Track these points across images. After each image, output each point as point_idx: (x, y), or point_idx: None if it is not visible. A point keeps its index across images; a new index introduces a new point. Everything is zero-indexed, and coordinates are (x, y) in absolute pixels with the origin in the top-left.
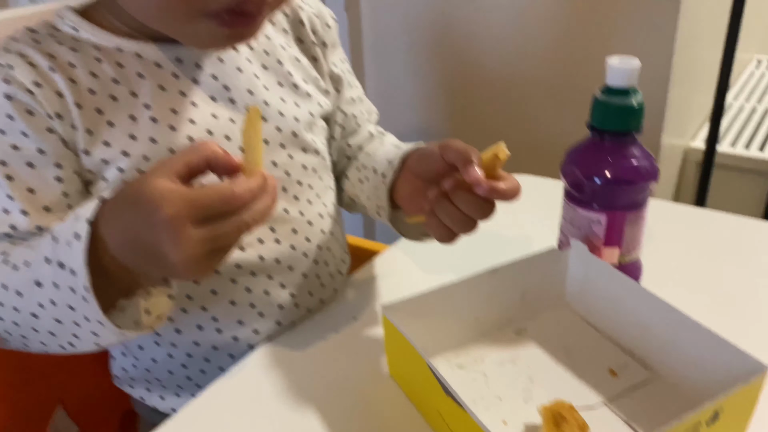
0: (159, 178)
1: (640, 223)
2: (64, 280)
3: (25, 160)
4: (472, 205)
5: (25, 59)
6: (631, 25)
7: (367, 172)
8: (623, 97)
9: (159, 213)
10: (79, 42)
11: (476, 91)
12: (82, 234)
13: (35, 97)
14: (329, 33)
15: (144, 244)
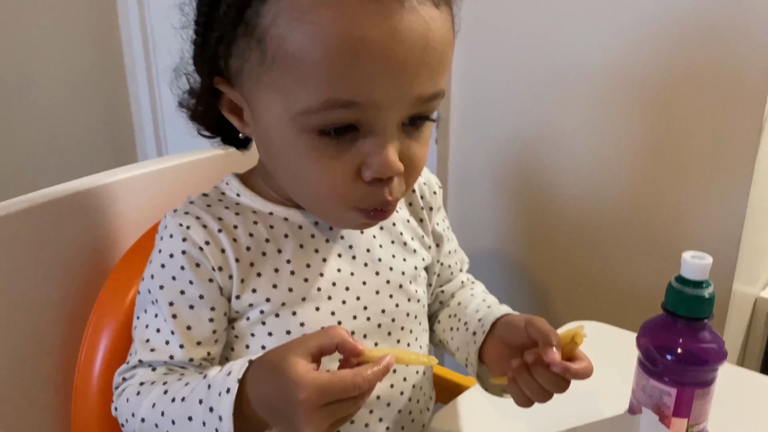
0: (297, 359)
1: (707, 398)
2: (212, 422)
3: (188, 303)
4: (548, 380)
5: (199, 221)
6: (705, 179)
7: (459, 323)
8: (696, 288)
9: (296, 396)
10: (241, 206)
11: (550, 228)
12: (233, 389)
13: (203, 253)
14: (435, 198)
15: (279, 412)
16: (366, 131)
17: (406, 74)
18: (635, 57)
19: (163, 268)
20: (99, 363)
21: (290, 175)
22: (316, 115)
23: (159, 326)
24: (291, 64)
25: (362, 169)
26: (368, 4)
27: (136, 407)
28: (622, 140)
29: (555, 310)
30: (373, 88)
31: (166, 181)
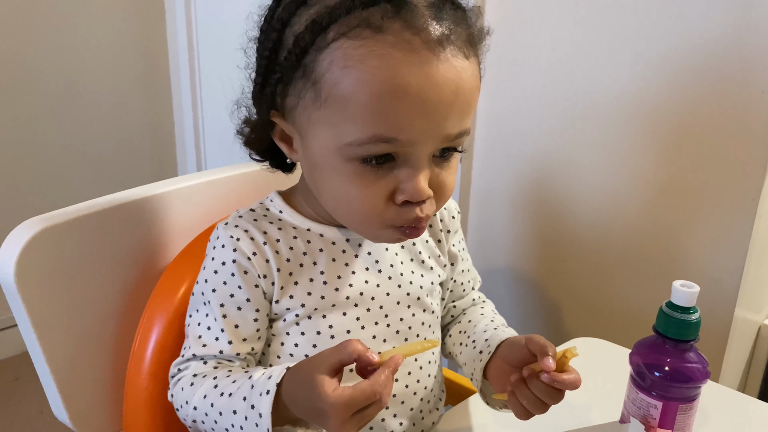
0: (323, 377)
1: (690, 413)
2: (253, 417)
3: (236, 305)
4: (542, 390)
5: (247, 234)
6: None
7: (468, 340)
8: (684, 314)
9: (326, 413)
10: (283, 222)
11: (562, 249)
12: (272, 392)
13: (251, 262)
14: (453, 222)
15: (313, 417)
16: (401, 162)
17: (439, 115)
18: (649, 93)
19: (216, 274)
20: (150, 351)
21: (333, 197)
22: (361, 147)
23: (210, 324)
24: (342, 104)
25: (396, 193)
26: (409, 56)
27: (190, 396)
28: (634, 171)
29: (562, 324)
30: (411, 127)
31: (211, 193)
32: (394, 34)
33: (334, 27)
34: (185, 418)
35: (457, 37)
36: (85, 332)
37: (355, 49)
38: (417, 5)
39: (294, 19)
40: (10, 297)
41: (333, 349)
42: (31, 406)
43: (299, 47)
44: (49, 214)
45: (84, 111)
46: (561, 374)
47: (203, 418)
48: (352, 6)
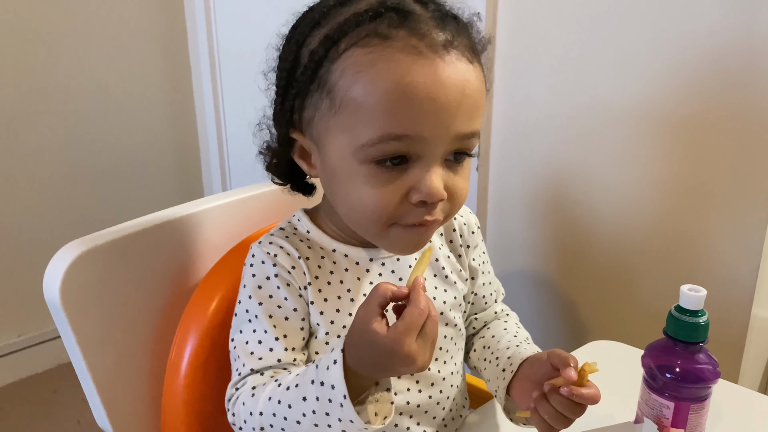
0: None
1: (702, 412)
2: (324, 394)
3: (284, 315)
4: (563, 405)
5: (283, 250)
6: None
7: (491, 356)
8: (692, 317)
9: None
10: (311, 241)
11: (578, 253)
12: (339, 360)
13: (292, 275)
14: (473, 237)
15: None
16: (415, 163)
17: (447, 114)
18: (661, 97)
19: (260, 289)
20: (185, 362)
21: (347, 202)
22: (374, 147)
23: (260, 338)
24: (355, 107)
25: (410, 193)
26: (415, 58)
27: (254, 405)
28: (649, 175)
29: (579, 326)
30: (421, 124)
31: (239, 211)
32: (400, 40)
33: (345, 39)
34: (252, 430)
35: (460, 43)
36: (125, 345)
37: (365, 55)
38: (421, 15)
39: (308, 39)
40: (55, 315)
41: (367, 300)
42: (68, 417)
43: (314, 61)
44: (90, 236)
45: (113, 135)
46: (580, 388)
47: (271, 421)
48: (361, 19)
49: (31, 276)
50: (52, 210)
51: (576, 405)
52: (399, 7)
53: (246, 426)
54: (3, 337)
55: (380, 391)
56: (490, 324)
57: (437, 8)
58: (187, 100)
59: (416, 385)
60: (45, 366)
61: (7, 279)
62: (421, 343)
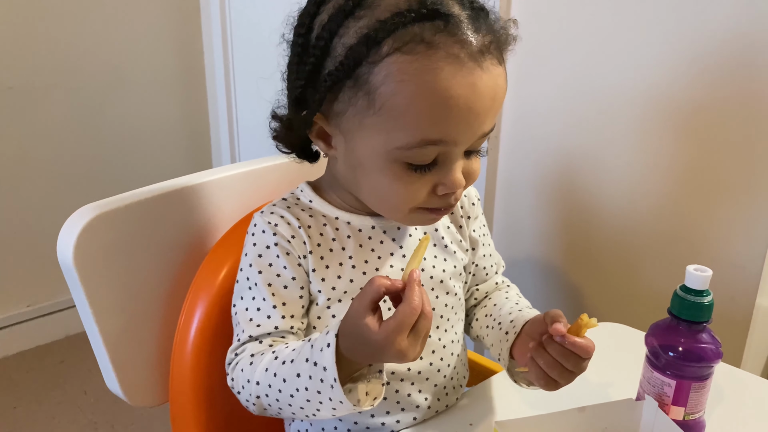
0: (366, 323)
1: (702, 391)
2: (317, 374)
3: (283, 284)
4: (558, 352)
5: (284, 220)
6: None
7: (494, 323)
8: (697, 296)
9: (386, 349)
10: (313, 210)
11: (585, 236)
12: (332, 344)
13: (291, 245)
14: (473, 209)
15: (378, 358)
16: (442, 160)
17: (479, 119)
18: (672, 84)
19: (261, 257)
20: (194, 329)
21: (374, 193)
22: (411, 150)
23: (260, 306)
24: (397, 113)
25: (436, 187)
26: (458, 69)
27: (251, 374)
28: (657, 160)
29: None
30: (456, 131)
31: (248, 182)
32: (442, 48)
33: (388, 41)
34: (248, 398)
35: (494, 47)
36: (136, 310)
37: (410, 63)
38: (461, 18)
39: (342, 30)
40: (68, 276)
41: (361, 293)
42: (76, 387)
43: (352, 59)
44: (103, 201)
45: (124, 107)
46: (573, 336)
47: (267, 391)
48: (404, 21)
49: (41, 247)
50: (62, 183)
51: (571, 354)
52: (439, 9)
53: (243, 391)
54: (13, 307)
55: (372, 373)
56: (491, 294)
57: (470, 4)
58: (197, 71)
59: None
60: (53, 337)
61: (18, 250)
62: (412, 339)
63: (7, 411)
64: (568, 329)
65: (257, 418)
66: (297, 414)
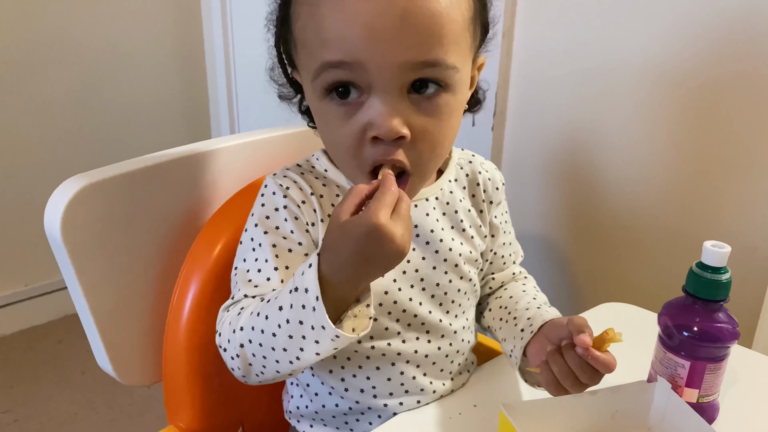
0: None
1: (718, 373)
2: (299, 300)
3: (288, 247)
4: (575, 362)
5: (296, 185)
6: (746, 177)
7: (509, 316)
8: (714, 274)
9: (369, 235)
10: (327, 179)
11: (591, 216)
12: (314, 263)
13: (301, 210)
14: (497, 194)
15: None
16: (369, 95)
17: (385, 40)
18: (680, 61)
19: (268, 219)
20: (188, 305)
21: (324, 141)
22: (319, 78)
23: (260, 267)
24: (304, 41)
25: (367, 129)
26: None
27: (236, 323)
28: (666, 138)
29: (592, 290)
30: (355, 49)
31: (247, 154)
32: None
33: None
34: (232, 354)
35: None
36: (127, 286)
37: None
38: None
39: None
40: (56, 250)
41: (342, 199)
42: (73, 367)
43: (282, 3)
44: (92, 172)
45: (122, 80)
46: (595, 351)
47: (250, 336)
48: None
49: (39, 225)
50: (60, 158)
51: (588, 368)
52: None
53: (229, 346)
54: (10, 286)
55: (360, 307)
56: (507, 285)
57: None
58: (196, 42)
59: (426, 335)
60: (51, 316)
61: (15, 228)
62: (396, 218)
63: (5, 390)
64: (592, 341)
65: (254, 396)
66: (281, 365)
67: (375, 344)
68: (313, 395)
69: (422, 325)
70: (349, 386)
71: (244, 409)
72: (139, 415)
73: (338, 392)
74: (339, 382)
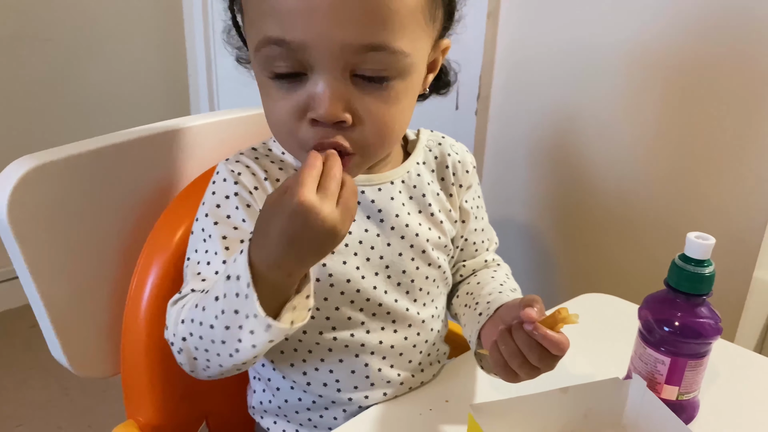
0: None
1: (699, 369)
2: (232, 288)
3: (240, 238)
4: (523, 341)
5: (249, 170)
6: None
7: (472, 302)
8: (697, 267)
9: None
10: (284, 162)
11: (575, 202)
12: (245, 249)
13: (253, 197)
14: (467, 177)
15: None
16: (311, 76)
17: (325, 19)
18: (668, 44)
19: (219, 207)
20: (147, 295)
21: (266, 116)
22: (260, 53)
23: (210, 259)
24: (248, 13)
25: (307, 110)
26: None
27: (179, 316)
28: (651, 125)
29: (575, 279)
30: (297, 28)
31: (218, 134)
32: None
33: None
34: (179, 348)
35: None
36: (82, 274)
37: None
38: None
39: None
40: (3, 236)
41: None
42: (47, 352)
43: None
44: (42, 153)
45: (99, 56)
46: (544, 328)
47: (191, 328)
48: None
49: None
50: (35, 136)
51: (537, 347)
52: None
53: (175, 339)
54: None
55: (299, 298)
56: (478, 272)
57: None
58: (175, 18)
59: (392, 325)
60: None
61: None
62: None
63: None
64: (543, 319)
65: (218, 391)
66: (222, 359)
67: (337, 335)
68: (275, 390)
69: (388, 315)
70: (312, 380)
71: (207, 404)
72: (115, 402)
73: (300, 386)
74: (301, 375)
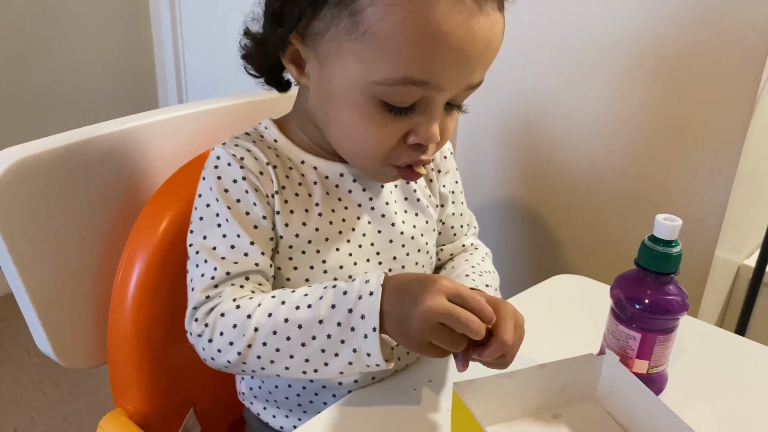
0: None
1: (667, 344)
2: (349, 322)
3: (253, 223)
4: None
5: (250, 154)
6: (697, 149)
7: None
8: (666, 247)
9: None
10: (278, 150)
11: (548, 184)
12: (377, 293)
13: (260, 180)
14: (444, 162)
15: (409, 319)
16: (420, 106)
17: (470, 65)
18: (638, 32)
19: (227, 192)
20: (132, 285)
21: (343, 129)
22: (390, 88)
23: (233, 243)
24: (381, 41)
25: (409, 135)
26: (456, 5)
27: (242, 319)
28: (622, 108)
29: (548, 261)
30: (443, 74)
31: (191, 126)
32: None
33: None
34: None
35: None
36: (67, 266)
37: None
38: None
39: None
40: None
41: (461, 297)
42: (18, 346)
43: None
44: (28, 144)
45: (58, 45)
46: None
47: (267, 339)
48: None
49: None
50: None
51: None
52: None
53: (222, 339)
54: None
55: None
56: (455, 256)
57: None
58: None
59: None
60: None
61: None
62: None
63: None
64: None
65: (205, 378)
66: (290, 369)
67: None
68: (264, 376)
69: None
70: None
71: (195, 390)
72: (88, 394)
73: None
74: None
